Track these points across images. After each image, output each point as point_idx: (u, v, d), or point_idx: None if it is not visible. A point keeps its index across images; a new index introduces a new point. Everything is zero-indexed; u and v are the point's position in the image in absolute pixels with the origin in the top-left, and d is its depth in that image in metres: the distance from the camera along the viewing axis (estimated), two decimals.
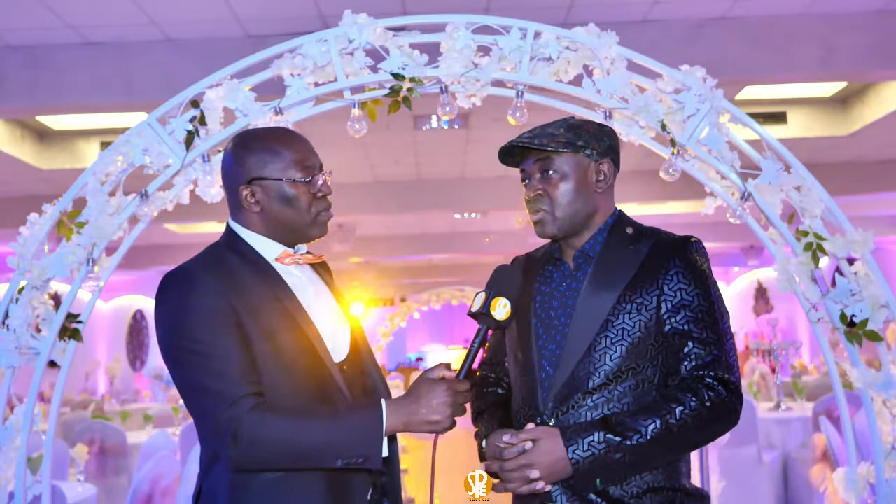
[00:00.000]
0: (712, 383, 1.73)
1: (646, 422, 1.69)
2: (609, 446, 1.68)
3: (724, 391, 1.73)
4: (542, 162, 1.86)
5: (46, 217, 2.63)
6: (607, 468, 1.69)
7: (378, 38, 2.52)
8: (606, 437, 1.68)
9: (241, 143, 1.79)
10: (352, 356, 1.81)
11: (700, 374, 1.74)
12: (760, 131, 2.56)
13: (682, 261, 1.80)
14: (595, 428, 1.70)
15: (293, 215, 1.76)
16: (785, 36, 5.04)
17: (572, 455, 1.68)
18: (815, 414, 5.36)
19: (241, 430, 1.55)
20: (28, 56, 5.03)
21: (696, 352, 1.75)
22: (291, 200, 1.75)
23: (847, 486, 2.50)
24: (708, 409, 1.71)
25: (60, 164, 7.26)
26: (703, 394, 1.72)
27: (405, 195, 9.23)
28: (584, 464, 1.68)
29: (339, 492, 1.66)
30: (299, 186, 1.75)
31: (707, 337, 1.76)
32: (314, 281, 1.84)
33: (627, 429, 1.69)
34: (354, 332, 1.85)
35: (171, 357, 1.65)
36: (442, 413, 1.62)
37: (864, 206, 10.39)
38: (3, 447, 2.55)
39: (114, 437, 5.87)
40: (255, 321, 1.64)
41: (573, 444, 1.69)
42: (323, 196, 1.79)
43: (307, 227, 1.78)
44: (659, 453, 1.72)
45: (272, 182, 1.74)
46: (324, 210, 1.79)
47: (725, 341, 1.78)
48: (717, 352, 1.76)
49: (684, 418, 1.70)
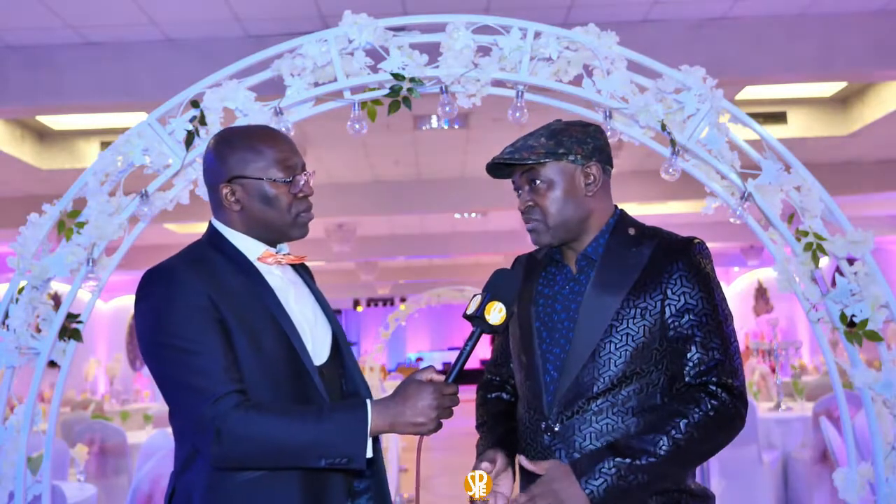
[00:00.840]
0: (715, 391, 1.72)
1: (653, 440, 1.68)
2: (620, 470, 1.66)
3: (728, 397, 1.72)
4: (528, 173, 1.86)
5: (46, 217, 2.62)
6: (624, 493, 1.67)
7: (378, 38, 2.52)
8: (616, 461, 1.67)
9: (222, 141, 1.78)
10: (332, 359, 1.80)
11: (703, 380, 1.74)
12: (760, 131, 2.56)
13: (685, 263, 1.79)
14: (604, 455, 1.69)
15: (273, 215, 1.75)
16: (785, 36, 5.03)
17: (586, 486, 1.66)
18: (815, 414, 5.36)
19: (224, 428, 1.55)
20: (28, 56, 5.03)
21: (699, 357, 1.74)
22: (272, 200, 1.74)
23: (847, 486, 2.50)
24: (712, 418, 1.70)
25: (60, 164, 7.26)
26: (706, 403, 1.71)
27: (405, 195, 9.23)
28: (600, 493, 1.66)
29: (316, 492, 1.65)
30: (280, 186, 1.74)
31: (711, 341, 1.75)
32: (295, 282, 1.84)
33: (636, 450, 1.67)
34: (335, 334, 1.84)
35: (153, 353, 1.64)
36: (427, 416, 1.61)
37: (864, 206, 10.39)
38: (3, 447, 2.55)
39: (114, 437, 5.87)
40: (237, 319, 1.64)
41: (586, 476, 1.67)
42: (304, 196, 1.78)
43: (287, 227, 1.77)
44: (671, 470, 1.71)
45: (252, 181, 1.73)
46: (304, 211, 1.78)
47: (729, 345, 1.77)
48: (721, 356, 1.75)
49: (690, 431, 1.69)
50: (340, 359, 1.84)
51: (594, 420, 1.76)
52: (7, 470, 2.54)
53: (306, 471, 1.62)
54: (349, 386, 1.84)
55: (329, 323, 1.85)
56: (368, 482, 1.81)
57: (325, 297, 1.91)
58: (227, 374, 1.59)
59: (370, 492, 1.81)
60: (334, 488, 1.69)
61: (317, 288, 1.91)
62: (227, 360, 1.60)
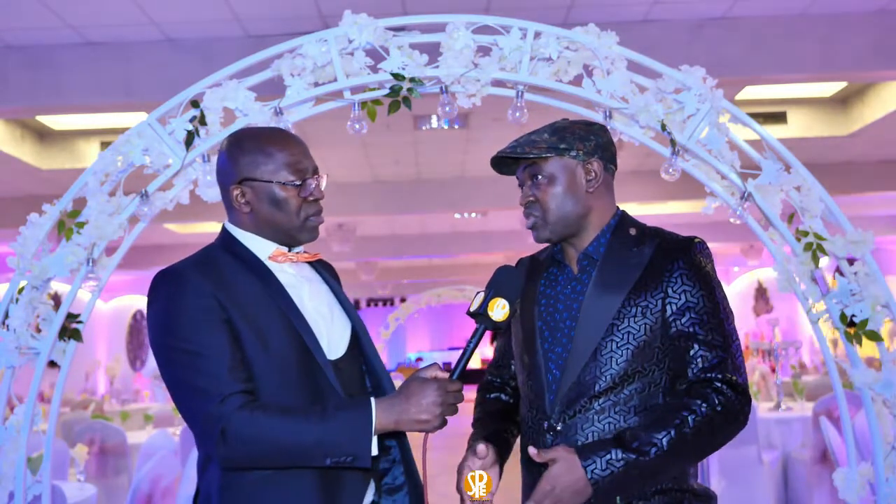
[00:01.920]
0: (721, 387, 1.73)
1: (660, 434, 1.68)
2: (627, 464, 1.67)
3: (733, 393, 1.73)
4: (531, 168, 1.87)
5: (46, 217, 2.62)
6: (627, 485, 1.68)
7: (378, 38, 2.52)
8: (625, 454, 1.67)
9: (235, 143, 1.79)
10: (350, 353, 1.80)
11: (707, 377, 1.74)
12: (760, 131, 2.56)
13: (686, 263, 1.80)
14: (611, 445, 1.69)
15: (282, 218, 1.75)
16: (785, 36, 5.03)
17: (591, 475, 1.66)
18: (815, 414, 5.36)
19: (230, 428, 1.55)
20: (28, 56, 5.03)
21: (702, 354, 1.75)
22: (280, 203, 1.74)
23: (847, 486, 2.50)
24: (719, 413, 1.71)
25: (60, 164, 7.26)
26: (712, 398, 1.71)
27: (405, 195, 9.23)
28: (604, 483, 1.66)
29: (332, 489, 1.66)
30: (289, 189, 1.74)
31: (713, 339, 1.76)
32: (311, 279, 1.84)
33: (644, 444, 1.67)
34: (356, 329, 1.84)
35: (162, 356, 1.66)
36: (431, 412, 1.62)
37: (864, 206, 10.40)
38: (3, 447, 2.55)
39: (114, 437, 5.87)
40: (246, 320, 1.64)
41: (590, 462, 1.67)
42: (314, 200, 1.78)
43: (296, 230, 1.77)
44: (676, 463, 1.73)
45: (262, 184, 1.74)
46: (314, 214, 1.78)
47: (731, 343, 1.78)
48: (724, 354, 1.75)
49: (697, 425, 1.69)
50: (361, 352, 1.84)
51: (596, 419, 1.76)
52: (7, 470, 2.54)
53: (322, 468, 1.62)
54: (372, 379, 1.84)
55: (349, 318, 1.85)
56: (404, 478, 1.83)
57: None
58: (232, 374, 1.59)
59: (407, 487, 1.83)
60: (351, 483, 1.69)
61: (336, 284, 1.90)
62: (233, 361, 1.61)
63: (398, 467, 1.84)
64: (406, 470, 1.83)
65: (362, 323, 1.88)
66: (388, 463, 1.83)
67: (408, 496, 1.82)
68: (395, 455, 1.83)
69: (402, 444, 1.82)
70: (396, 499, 1.83)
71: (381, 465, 1.84)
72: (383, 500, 1.82)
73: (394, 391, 1.71)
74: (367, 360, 1.84)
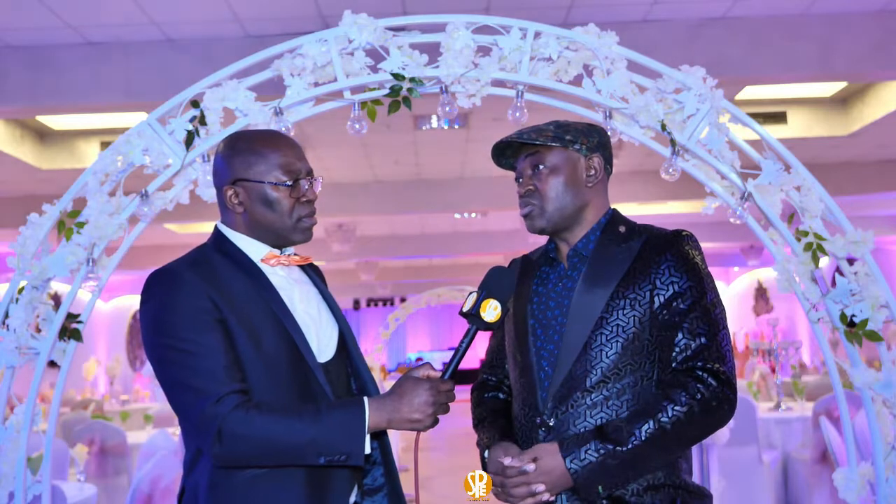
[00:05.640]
0: (702, 375, 1.73)
1: (639, 425, 1.70)
2: (605, 454, 1.69)
3: (715, 382, 1.73)
4: (533, 157, 1.89)
5: (46, 217, 2.63)
6: (607, 475, 1.70)
7: (378, 38, 2.52)
8: (602, 445, 1.70)
9: (229, 145, 1.81)
10: (338, 357, 1.81)
11: (689, 365, 1.75)
12: (760, 131, 2.56)
13: (673, 255, 1.81)
14: (591, 437, 1.72)
15: (274, 219, 1.76)
16: (785, 36, 5.04)
17: (570, 465, 1.70)
18: (815, 414, 5.36)
19: (225, 428, 1.56)
20: (28, 56, 5.03)
21: (685, 342, 1.76)
22: (273, 204, 1.75)
23: (847, 486, 2.50)
24: (699, 401, 1.71)
25: (60, 164, 7.26)
26: (692, 387, 1.72)
27: (405, 195, 9.23)
28: (583, 473, 1.70)
29: (320, 489, 1.67)
30: (281, 190, 1.75)
31: (697, 327, 1.76)
32: (301, 282, 1.84)
33: (622, 434, 1.70)
34: (343, 333, 1.85)
35: (156, 355, 1.66)
36: (423, 412, 1.63)
37: (864, 206, 10.39)
38: (3, 447, 2.56)
39: (114, 437, 5.88)
40: (239, 320, 1.65)
41: (571, 455, 1.71)
42: (307, 201, 1.78)
43: (289, 231, 1.78)
44: (656, 454, 1.73)
45: (254, 184, 1.75)
46: (306, 216, 1.79)
47: (718, 331, 1.78)
48: (707, 341, 1.76)
49: (677, 415, 1.70)
50: (348, 356, 1.85)
51: (588, 414, 1.77)
52: (7, 470, 2.54)
53: (309, 467, 1.64)
54: (358, 382, 1.85)
55: (336, 321, 1.86)
56: (384, 479, 1.83)
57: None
58: (227, 374, 1.60)
59: (386, 488, 1.83)
60: (338, 483, 1.70)
61: (325, 287, 1.91)
62: (227, 361, 1.61)
63: (378, 468, 1.85)
64: (386, 471, 1.84)
65: (349, 326, 1.89)
66: (369, 464, 1.84)
67: (386, 498, 1.83)
68: (376, 456, 1.83)
69: (382, 446, 1.83)
70: (376, 500, 1.84)
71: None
72: (364, 502, 1.84)
73: (378, 394, 1.72)
74: (352, 363, 1.86)
